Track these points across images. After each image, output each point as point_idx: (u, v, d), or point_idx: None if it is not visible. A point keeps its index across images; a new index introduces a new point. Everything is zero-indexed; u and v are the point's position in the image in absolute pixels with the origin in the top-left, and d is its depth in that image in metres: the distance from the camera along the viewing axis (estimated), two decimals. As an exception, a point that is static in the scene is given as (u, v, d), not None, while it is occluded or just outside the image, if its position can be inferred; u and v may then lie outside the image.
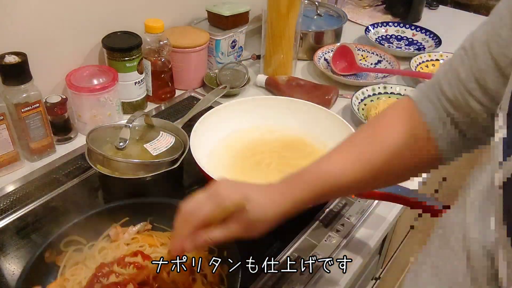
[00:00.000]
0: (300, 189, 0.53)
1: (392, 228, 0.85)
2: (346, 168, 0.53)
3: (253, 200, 0.51)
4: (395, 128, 0.53)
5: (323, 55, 1.23)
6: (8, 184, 0.79)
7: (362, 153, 0.53)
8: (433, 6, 1.63)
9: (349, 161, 0.53)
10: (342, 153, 0.55)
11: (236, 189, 0.52)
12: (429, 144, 0.51)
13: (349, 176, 0.53)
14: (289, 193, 0.53)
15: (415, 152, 0.52)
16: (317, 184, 0.53)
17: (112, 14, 0.96)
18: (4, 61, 0.74)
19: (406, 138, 0.51)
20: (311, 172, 0.54)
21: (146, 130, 0.83)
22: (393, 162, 0.52)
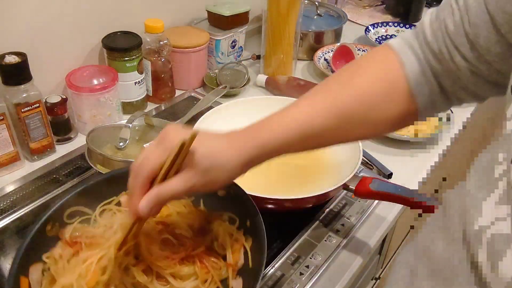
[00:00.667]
0: (265, 134, 0.48)
1: (392, 228, 0.85)
2: (317, 115, 0.49)
3: (204, 144, 0.46)
4: (372, 77, 0.49)
5: (323, 55, 1.23)
6: (8, 184, 0.79)
7: (334, 100, 0.49)
8: (433, 6, 1.63)
9: (319, 108, 0.49)
10: (313, 99, 0.50)
11: (186, 133, 0.46)
12: (407, 97, 0.48)
13: (319, 124, 0.49)
14: (251, 139, 0.48)
15: (392, 104, 0.48)
16: (283, 129, 0.48)
17: (112, 14, 0.96)
18: (4, 61, 0.74)
19: (383, 88, 0.48)
20: (276, 119, 0.50)
21: (146, 130, 0.83)
22: (367, 113, 0.49)
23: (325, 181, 0.78)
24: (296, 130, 0.49)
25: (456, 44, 0.44)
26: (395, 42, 0.50)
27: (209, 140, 0.48)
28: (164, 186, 0.46)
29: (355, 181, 0.71)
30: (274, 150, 0.49)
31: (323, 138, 0.51)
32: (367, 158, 0.88)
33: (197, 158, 0.46)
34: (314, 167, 0.83)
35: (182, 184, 0.46)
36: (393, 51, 0.49)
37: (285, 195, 0.69)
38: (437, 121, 0.99)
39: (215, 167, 0.47)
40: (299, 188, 0.78)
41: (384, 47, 0.51)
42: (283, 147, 0.49)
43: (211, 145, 0.47)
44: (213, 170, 0.47)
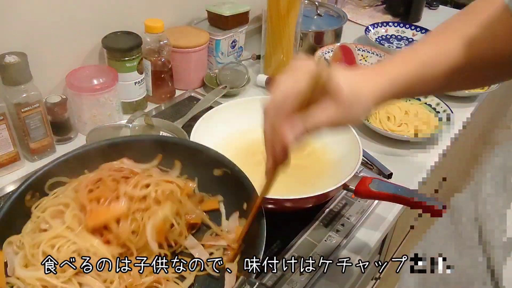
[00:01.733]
0: (397, 68, 0.47)
1: (392, 228, 0.85)
2: (445, 53, 0.47)
3: (344, 74, 0.44)
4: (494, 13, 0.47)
5: (323, 55, 1.23)
6: (8, 184, 0.79)
7: (460, 38, 0.47)
8: (433, 6, 1.63)
9: (447, 46, 0.48)
10: (439, 38, 0.49)
11: (316, 62, 0.44)
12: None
13: (448, 63, 0.47)
14: (384, 71, 0.47)
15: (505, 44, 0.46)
16: (415, 64, 0.47)
17: (112, 14, 0.96)
18: (4, 61, 0.74)
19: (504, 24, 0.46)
20: (407, 53, 0.49)
21: (146, 130, 0.83)
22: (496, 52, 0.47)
23: (325, 181, 0.78)
24: (427, 66, 0.48)
25: None
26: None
27: (345, 71, 0.46)
28: (309, 116, 0.44)
29: (355, 181, 0.71)
30: (405, 87, 0.48)
31: (450, 79, 0.49)
32: (367, 158, 0.88)
33: (340, 88, 0.44)
34: (314, 167, 0.83)
35: (326, 115, 0.44)
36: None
37: (285, 195, 0.69)
38: (437, 121, 0.99)
39: (357, 99, 0.45)
40: (299, 188, 0.78)
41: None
42: (413, 84, 0.48)
43: (353, 79, 0.46)
44: (355, 102, 0.45)
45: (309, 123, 0.44)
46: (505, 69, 0.48)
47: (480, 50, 0.47)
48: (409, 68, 0.47)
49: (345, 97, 0.44)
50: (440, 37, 0.49)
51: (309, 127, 0.44)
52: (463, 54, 0.47)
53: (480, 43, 0.47)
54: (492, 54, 0.47)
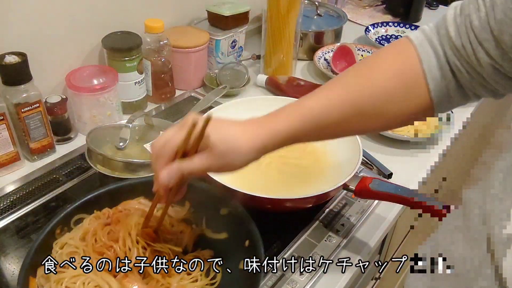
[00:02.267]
0: (280, 122, 0.51)
1: (392, 228, 0.85)
2: (332, 107, 0.50)
3: (220, 130, 0.49)
4: (390, 71, 0.50)
5: (323, 55, 1.23)
6: (8, 184, 0.79)
7: (350, 93, 0.50)
8: (433, 6, 1.63)
9: (335, 100, 0.50)
10: (329, 91, 0.52)
11: (203, 115, 0.50)
12: (423, 91, 0.48)
13: (334, 116, 0.50)
14: (267, 124, 0.51)
15: (408, 98, 0.49)
16: (298, 119, 0.50)
17: (112, 14, 0.96)
18: (4, 61, 0.74)
19: (401, 82, 0.49)
20: (293, 107, 0.51)
21: (146, 130, 0.83)
22: (384, 107, 0.49)
23: (325, 181, 0.78)
24: (311, 120, 0.50)
25: (480, 40, 0.43)
26: (415, 36, 0.50)
27: (224, 126, 0.51)
28: (185, 162, 0.50)
29: (355, 181, 0.71)
30: (288, 138, 0.51)
31: (337, 129, 0.53)
32: (367, 158, 0.88)
33: (213, 142, 0.49)
34: (314, 167, 0.83)
35: (200, 163, 0.50)
36: (412, 45, 0.49)
37: (285, 195, 0.69)
38: (437, 121, 0.99)
39: (231, 151, 0.49)
40: (299, 188, 0.78)
41: (404, 40, 0.51)
42: (297, 136, 0.51)
43: (226, 130, 0.50)
44: (229, 154, 0.50)
45: (184, 167, 0.50)
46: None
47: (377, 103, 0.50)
48: (291, 120, 0.50)
49: (217, 149, 0.49)
50: (327, 91, 0.52)
51: (183, 170, 0.50)
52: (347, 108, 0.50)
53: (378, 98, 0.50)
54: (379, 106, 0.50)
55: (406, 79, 0.49)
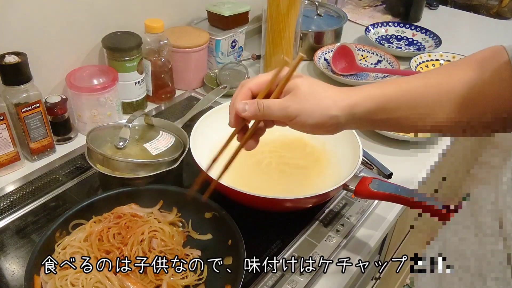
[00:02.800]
0: (374, 87, 0.52)
1: (392, 228, 0.85)
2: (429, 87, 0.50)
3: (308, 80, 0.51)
4: (479, 64, 0.49)
5: (323, 55, 1.23)
6: (8, 184, 0.79)
7: (447, 80, 0.50)
8: (433, 6, 1.63)
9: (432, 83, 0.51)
10: (425, 76, 0.53)
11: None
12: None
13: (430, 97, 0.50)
14: (359, 88, 0.52)
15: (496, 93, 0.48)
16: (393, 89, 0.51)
17: (112, 14, 0.96)
18: (4, 61, 0.74)
19: (490, 75, 0.48)
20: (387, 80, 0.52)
21: (146, 129, 0.83)
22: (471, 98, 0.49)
23: (325, 181, 0.78)
24: (408, 93, 0.50)
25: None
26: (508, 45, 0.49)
27: (314, 79, 0.53)
28: (264, 100, 0.51)
29: (355, 181, 0.71)
30: (379, 106, 0.51)
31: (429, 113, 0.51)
32: (367, 158, 0.88)
33: (299, 82, 0.51)
34: (314, 167, 0.83)
35: (279, 101, 0.51)
36: (504, 49, 0.49)
37: (285, 195, 0.69)
38: (437, 121, 0.99)
39: (315, 95, 0.50)
40: (299, 188, 0.78)
41: (495, 47, 0.50)
42: (390, 107, 0.51)
43: (316, 81, 0.52)
44: (312, 98, 0.50)
45: (262, 101, 0.51)
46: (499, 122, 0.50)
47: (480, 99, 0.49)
48: (387, 90, 0.51)
49: (302, 89, 0.50)
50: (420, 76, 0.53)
51: (261, 103, 0.51)
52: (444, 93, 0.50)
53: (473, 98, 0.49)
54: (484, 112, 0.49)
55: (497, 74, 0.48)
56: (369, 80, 1.17)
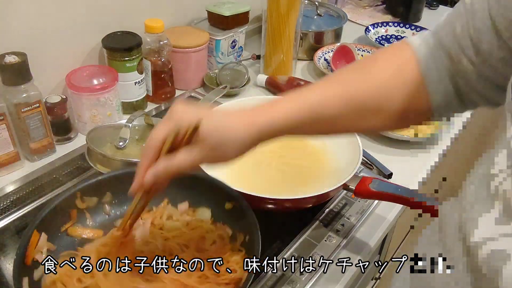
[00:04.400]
0: (276, 111, 0.49)
1: (392, 228, 0.85)
2: (329, 101, 0.49)
3: (211, 120, 0.47)
4: (388, 69, 0.50)
5: (323, 55, 1.23)
6: (8, 184, 0.79)
7: (349, 87, 0.50)
8: (433, 6, 1.63)
9: (333, 93, 0.49)
10: (326, 86, 0.51)
11: (193, 110, 0.48)
12: (422, 93, 0.48)
13: (332, 110, 0.49)
14: (263, 112, 0.49)
15: (406, 98, 0.49)
16: (295, 110, 0.49)
17: (112, 14, 0.96)
18: (4, 61, 0.74)
19: (399, 81, 0.49)
20: (290, 98, 0.50)
21: (146, 129, 0.83)
22: (381, 103, 0.49)
23: (325, 181, 0.78)
24: (307, 112, 0.49)
25: (462, 47, 0.44)
26: (414, 39, 0.50)
27: (217, 116, 0.49)
28: (171, 159, 0.48)
29: (355, 181, 0.71)
30: (284, 129, 0.49)
31: (333, 124, 0.51)
32: (367, 158, 0.88)
33: (205, 134, 0.47)
34: (314, 167, 0.83)
35: (189, 158, 0.48)
36: (411, 47, 0.49)
37: (285, 195, 0.69)
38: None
39: (224, 142, 0.47)
40: (299, 188, 0.78)
41: (403, 43, 0.51)
42: (293, 127, 0.50)
43: (219, 120, 0.48)
44: (222, 145, 0.48)
45: (171, 165, 0.48)
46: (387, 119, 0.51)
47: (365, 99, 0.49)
48: (288, 110, 0.49)
49: (209, 141, 0.47)
50: (325, 85, 0.51)
51: (170, 168, 0.48)
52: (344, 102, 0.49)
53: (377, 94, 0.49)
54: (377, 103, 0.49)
55: (404, 78, 0.48)
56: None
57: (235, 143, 0.48)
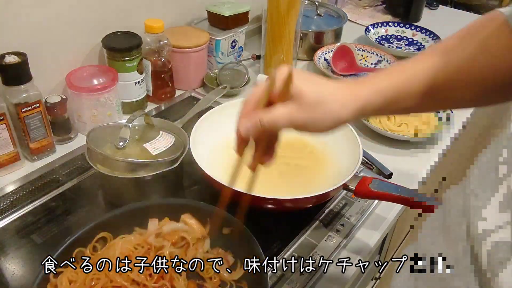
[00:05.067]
0: (382, 80, 0.47)
1: (392, 228, 0.85)
2: (437, 69, 0.46)
3: (312, 79, 0.46)
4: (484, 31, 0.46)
5: (323, 55, 1.23)
6: (8, 184, 0.79)
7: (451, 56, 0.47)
8: (433, 6, 1.63)
9: (439, 63, 0.47)
10: (431, 56, 0.48)
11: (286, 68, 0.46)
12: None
13: (439, 80, 0.46)
14: (366, 83, 0.47)
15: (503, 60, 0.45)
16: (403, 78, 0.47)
17: (112, 14, 0.96)
18: (4, 61, 0.74)
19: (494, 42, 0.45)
20: (395, 68, 0.48)
21: (146, 129, 0.83)
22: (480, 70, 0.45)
23: (325, 181, 0.78)
24: (417, 81, 0.47)
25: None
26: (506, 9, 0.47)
27: (316, 78, 0.47)
28: (267, 112, 0.46)
29: (355, 181, 0.71)
30: (390, 100, 0.47)
31: (440, 95, 0.48)
32: (367, 158, 0.88)
33: (303, 90, 0.45)
34: (314, 167, 0.83)
35: (284, 112, 0.46)
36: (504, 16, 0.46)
37: (285, 195, 0.69)
38: (437, 121, 0.99)
39: (323, 103, 0.45)
40: (299, 188, 0.78)
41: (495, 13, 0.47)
42: (401, 98, 0.47)
43: (319, 82, 0.47)
44: (321, 106, 0.46)
45: (264, 115, 0.46)
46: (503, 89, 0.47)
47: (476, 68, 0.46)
48: (395, 80, 0.47)
49: (307, 98, 0.45)
50: (429, 54, 0.49)
51: (263, 118, 0.46)
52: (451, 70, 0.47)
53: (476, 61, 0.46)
54: (488, 72, 0.46)
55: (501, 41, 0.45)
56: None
57: (333, 109, 0.46)
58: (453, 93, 0.48)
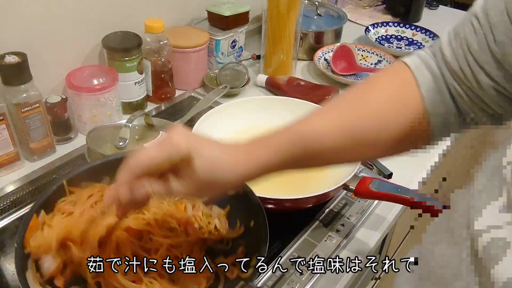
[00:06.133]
0: (269, 152, 0.47)
1: (392, 228, 0.85)
2: (326, 134, 0.47)
3: (205, 156, 0.44)
4: (386, 95, 0.47)
5: (323, 55, 1.23)
6: (8, 184, 0.79)
7: (344, 119, 0.48)
8: (433, 6, 1.63)
9: (329, 126, 0.47)
10: (322, 117, 0.49)
11: (189, 139, 0.45)
12: (421, 117, 0.46)
13: (328, 143, 0.47)
14: (255, 154, 0.47)
15: (405, 124, 0.47)
16: (289, 148, 0.47)
17: (112, 14, 0.96)
18: (4, 61, 0.74)
19: (397, 107, 0.47)
20: (284, 134, 0.48)
21: (146, 129, 0.83)
22: (379, 133, 0.47)
23: (325, 181, 0.78)
24: (302, 147, 0.47)
25: (480, 62, 0.42)
26: (411, 60, 0.49)
27: (210, 150, 0.46)
28: (154, 185, 0.45)
29: (355, 181, 0.71)
30: (277, 167, 0.48)
31: (330, 157, 0.49)
32: (367, 158, 0.88)
33: (198, 170, 0.44)
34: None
35: (183, 190, 0.46)
36: (409, 69, 0.48)
37: (285, 195, 0.69)
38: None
39: (215, 182, 0.46)
40: (299, 188, 0.77)
41: (400, 64, 0.49)
42: (287, 164, 0.48)
43: (212, 155, 0.46)
44: (213, 185, 0.46)
45: (154, 187, 0.45)
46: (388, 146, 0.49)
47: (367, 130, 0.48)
48: (281, 153, 0.47)
49: (202, 179, 0.45)
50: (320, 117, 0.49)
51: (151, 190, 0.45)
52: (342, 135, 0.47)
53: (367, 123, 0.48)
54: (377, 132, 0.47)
55: (403, 103, 0.47)
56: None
57: (225, 186, 0.47)
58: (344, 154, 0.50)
